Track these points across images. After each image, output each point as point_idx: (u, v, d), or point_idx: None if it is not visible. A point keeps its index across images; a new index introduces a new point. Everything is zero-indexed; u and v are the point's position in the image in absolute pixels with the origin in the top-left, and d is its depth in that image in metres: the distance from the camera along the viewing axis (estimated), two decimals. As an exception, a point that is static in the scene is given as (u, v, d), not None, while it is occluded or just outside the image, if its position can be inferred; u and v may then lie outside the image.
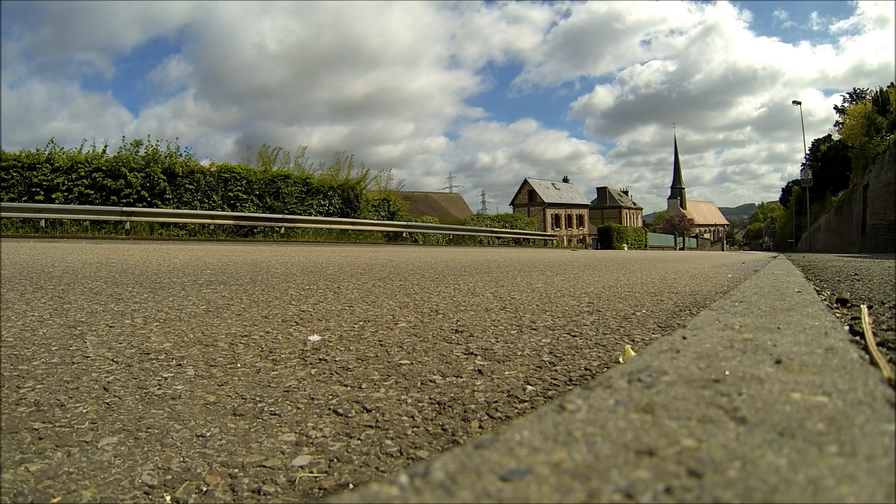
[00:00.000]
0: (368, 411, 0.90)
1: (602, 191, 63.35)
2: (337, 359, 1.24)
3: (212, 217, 13.52)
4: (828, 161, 30.02)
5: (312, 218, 15.35)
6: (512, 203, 50.06)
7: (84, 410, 0.88)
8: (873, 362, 0.77)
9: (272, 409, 0.91)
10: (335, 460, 0.72)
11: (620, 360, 1.21)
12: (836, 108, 34.34)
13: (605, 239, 30.85)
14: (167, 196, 13.73)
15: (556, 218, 48.70)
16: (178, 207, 13.76)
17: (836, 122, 32.31)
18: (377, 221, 17.23)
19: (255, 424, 0.84)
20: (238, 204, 14.93)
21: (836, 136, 30.86)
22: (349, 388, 1.03)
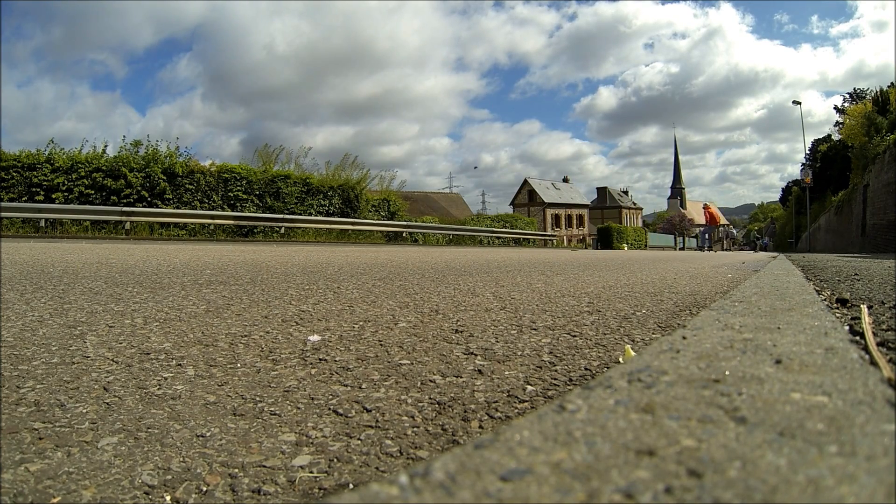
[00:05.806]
0: (368, 411, 0.90)
1: (602, 191, 63.30)
2: (337, 359, 1.24)
3: (212, 217, 13.52)
4: (828, 161, 30.01)
5: (312, 218, 15.34)
6: (512, 203, 50.02)
7: (84, 410, 0.88)
8: (873, 362, 0.77)
9: (272, 409, 0.91)
10: (335, 460, 0.72)
11: (620, 360, 1.21)
12: (836, 108, 34.34)
13: (605, 239, 30.82)
14: (167, 196, 13.73)
15: (556, 218, 48.67)
16: (178, 207, 13.76)
17: (836, 122, 32.30)
18: (377, 221, 17.22)
19: (255, 424, 0.84)
20: (238, 204, 14.93)
21: (835, 137, 30.84)
22: (349, 388, 1.03)
